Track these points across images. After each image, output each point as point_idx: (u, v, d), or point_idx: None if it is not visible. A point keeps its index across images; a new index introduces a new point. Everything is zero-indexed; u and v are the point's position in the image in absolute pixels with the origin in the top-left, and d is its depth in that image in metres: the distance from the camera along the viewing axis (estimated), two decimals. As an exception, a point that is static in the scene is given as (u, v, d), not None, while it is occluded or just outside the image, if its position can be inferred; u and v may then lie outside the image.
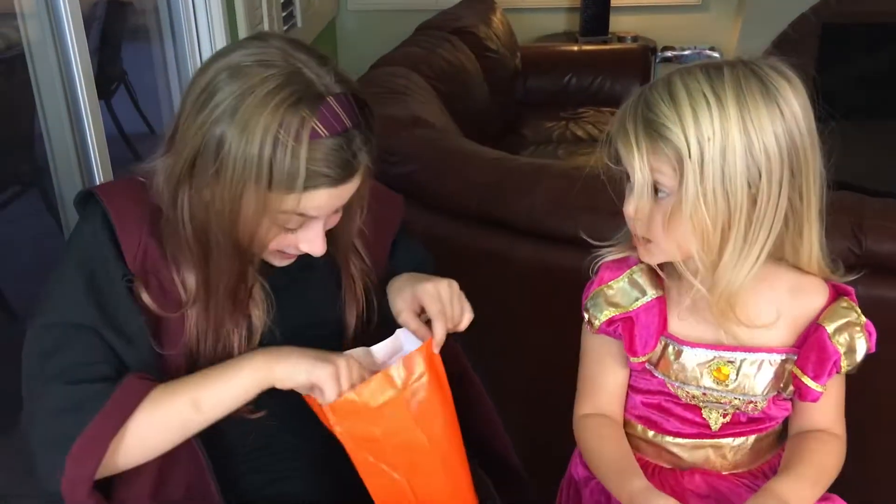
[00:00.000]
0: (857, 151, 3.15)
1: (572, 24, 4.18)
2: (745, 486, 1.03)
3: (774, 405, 1.02)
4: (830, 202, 1.65)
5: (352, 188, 0.99)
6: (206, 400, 0.95)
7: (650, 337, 0.99)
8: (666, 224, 0.90)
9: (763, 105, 0.88)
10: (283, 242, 1.01)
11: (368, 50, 2.96)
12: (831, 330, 0.96)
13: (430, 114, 2.28)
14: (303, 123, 0.91)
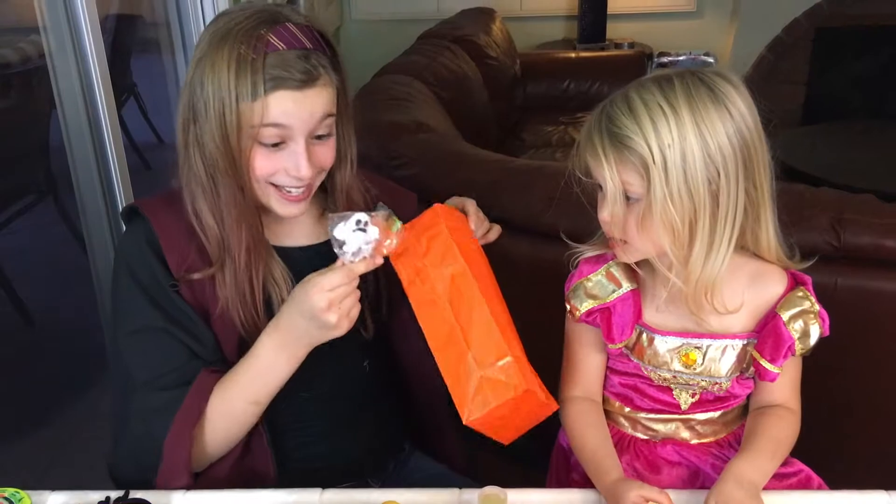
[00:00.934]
0: (848, 151, 3.27)
1: (570, 31, 4.28)
2: (712, 454, 1.12)
3: (738, 384, 1.11)
4: (812, 199, 1.76)
5: (318, 100, 1.06)
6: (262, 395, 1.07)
7: (626, 326, 1.08)
8: (639, 225, 0.98)
9: (713, 109, 0.95)
10: (265, 167, 1.08)
11: (372, 58, 3.05)
12: (786, 318, 1.04)
13: (432, 119, 2.38)
14: (261, 38, 1.03)
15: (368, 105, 2.43)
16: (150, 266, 1.10)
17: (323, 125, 1.09)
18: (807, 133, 3.75)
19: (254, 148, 1.07)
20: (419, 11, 4.11)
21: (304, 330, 1.03)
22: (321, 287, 0.99)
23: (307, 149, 1.08)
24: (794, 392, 1.11)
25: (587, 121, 1.02)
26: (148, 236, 1.11)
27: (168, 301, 1.09)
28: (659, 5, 4.28)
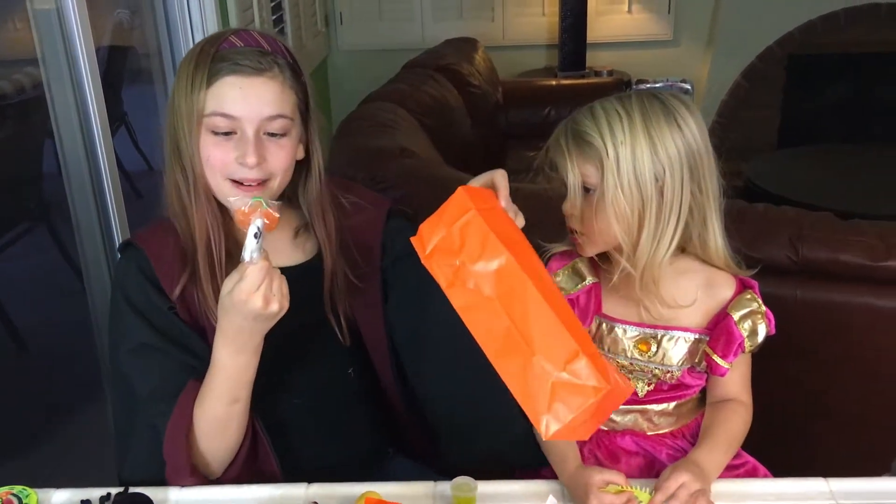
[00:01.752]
0: (814, 173, 3.39)
1: (551, 59, 4.40)
2: (667, 445, 1.22)
3: (689, 376, 1.21)
4: (773, 216, 1.86)
5: (265, 91, 1.12)
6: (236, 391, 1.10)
7: (587, 316, 1.19)
8: (594, 215, 1.11)
9: (664, 119, 1.10)
10: (216, 157, 1.13)
11: (359, 87, 3.14)
12: (737, 318, 1.16)
13: (416, 145, 2.47)
14: (222, 36, 1.14)
15: (354, 131, 2.53)
16: (144, 290, 1.17)
17: (275, 124, 1.14)
18: (777, 157, 3.89)
19: (207, 137, 1.13)
20: (404, 42, 4.22)
21: (252, 328, 1.06)
22: (250, 291, 1.01)
23: (256, 140, 1.13)
24: (745, 387, 1.21)
25: (555, 131, 1.17)
26: (140, 263, 1.18)
27: (163, 322, 1.16)
28: (637, 34, 4.41)
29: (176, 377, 1.14)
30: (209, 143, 1.14)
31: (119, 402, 1.22)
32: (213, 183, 1.16)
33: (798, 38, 4.27)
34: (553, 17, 4.30)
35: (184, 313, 1.17)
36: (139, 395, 1.15)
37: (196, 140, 1.14)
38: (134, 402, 1.16)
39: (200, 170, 1.15)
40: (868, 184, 3.21)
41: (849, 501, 1.04)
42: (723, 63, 4.35)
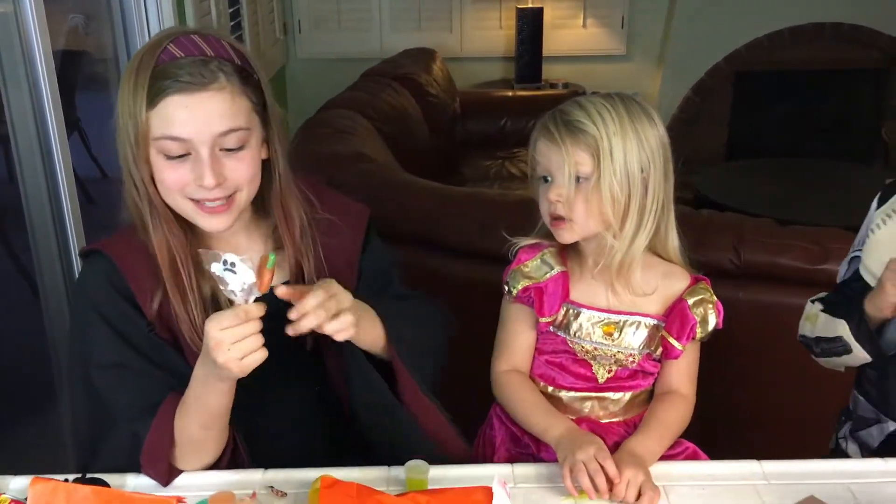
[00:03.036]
0: (758, 184, 3.52)
1: (508, 71, 4.48)
2: (616, 433, 1.27)
3: (647, 362, 1.27)
4: (717, 222, 1.94)
5: (212, 106, 1.04)
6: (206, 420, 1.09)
7: (555, 302, 1.25)
8: (587, 202, 1.17)
9: (644, 117, 1.19)
10: (172, 180, 1.06)
11: (317, 96, 3.16)
12: (691, 302, 1.24)
13: (373, 151, 2.51)
14: (160, 45, 1.05)
15: (312, 137, 2.56)
16: (119, 307, 1.12)
17: (230, 138, 1.06)
18: (724, 169, 4.02)
19: (159, 160, 1.06)
20: (363, 51, 4.26)
21: (208, 365, 1.02)
22: (213, 325, 0.98)
23: (212, 159, 1.05)
24: (690, 378, 1.28)
25: (538, 124, 1.22)
26: (112, 277, 1.12)
27: (141, 341, 1.12)
28: (591, 48, 4.51)
29: (158, 393, 1.11)
30: (162, 166, 1.06)
31: (85, 413, 1.18)
32: (174, 204, 1.10)
33: (745, 56, 4.41)
34: (510, 30, 4.38)
35: (163, 330, 1.14)
36: (117, 406, 1.12)
37: (145, 163, 1.07)
38: (105, 413, 1.14)
39: (154, 191, 1.09)
40: (808, 194, 3.35)
41: (779, 481, 1.11)
42: (673, 78, 4.48)
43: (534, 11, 4.25)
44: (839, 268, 1.35)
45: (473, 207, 2.04)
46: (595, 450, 1.09)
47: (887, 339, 1.20)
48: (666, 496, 1.09)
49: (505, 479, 0.97)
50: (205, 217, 1.10)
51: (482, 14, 4.42)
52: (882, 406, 1.23)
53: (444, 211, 2.06)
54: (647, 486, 1.07)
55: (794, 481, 1.10)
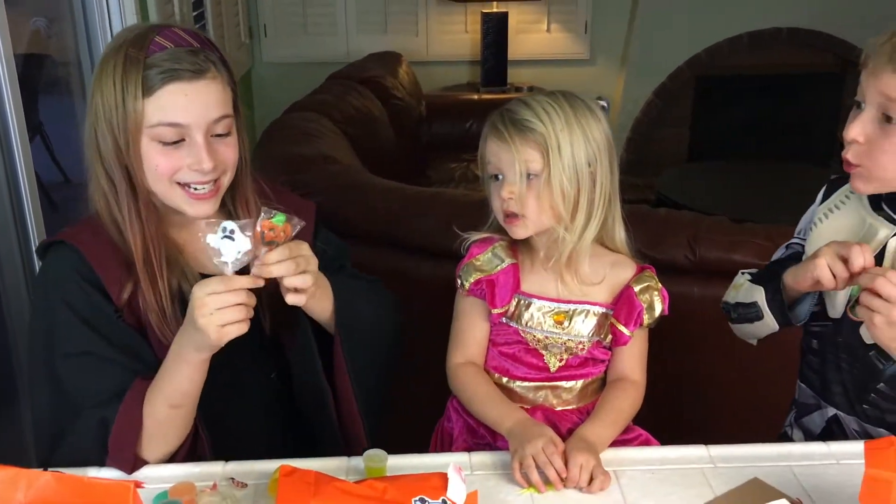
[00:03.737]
0: (715, 184, 3.59)
1: (474, 75, 4.52)
2: (572, 421, 1.30)
3: (597, 349, 1.31)
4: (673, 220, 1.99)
5: (210, 93, 1.11)
6: (176, 398, 1.10)
7: (507, 294, 1.28)
8: (538, 198, 1.21)
9: (588, 113, 1.23)
10: (165, 165, 1.11)
11: (283, 99, 3.16)
12: (637, 289, 1.28)
13: (339, 153, 2.53)
14: (148, 39, 1.09)
15: (277, 139, 2.57)
16: (87, 294, 1.14)
17: (221, 124, 1.14)
18: (684, 170, 4.10)
19: (153, 147, 1.11)
20: (328, 55, 4.27)
21: (189, 331, 1.05)
22: (201, 287, 1.01)
23: (207, 145, 1.12)
24: (640, 365, 1.32)
25: (486, 125, 1.26)
26: (78, 266, 1.14)
27: (110, 328, 1.13)
28: (555, 53, 4.57)
29: (125, 380, 1.12)
30: (155, 152, 1.11)
31: (48, 407, 1.17)
32: (161, 190, 1.14)
33: (705, 60, 4.50)
34: (475, 34, 4.43)
35: (130, 317, 1.16)
36: (83, 394, 1.13)
37: (136, 151, 1.11)
38: (69, 406, 1.14)
39: (140, 180, 1.13)
40: (765, 194, 3.44)
41: (726, 465, 1.15)
42: (636, 82, 4.55)
43: (499, 16, 4.30)
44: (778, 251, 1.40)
45: (437, 207, 2.07)
46: (543, 443, 1.12)
47: (798, 311, 1.26)
48: (617, 480, 1.12)
49: (461, 466, 0.99)
50: (193, 203, 1.15)
51: (448, 18, 4.46)
52: (821, 392, 1.28)
53: (407, 211, 2.09)
54: (598, 470, 1.10)
55: (740, 464, 1.15)
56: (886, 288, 1.05)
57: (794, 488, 1.10)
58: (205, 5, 3.42)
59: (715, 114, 4.65)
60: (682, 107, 4.64)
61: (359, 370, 1.25)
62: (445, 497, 0.96)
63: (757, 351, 1.64)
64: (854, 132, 1.12)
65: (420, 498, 0.95)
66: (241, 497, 1.07)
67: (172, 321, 1.16)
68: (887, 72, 1.07)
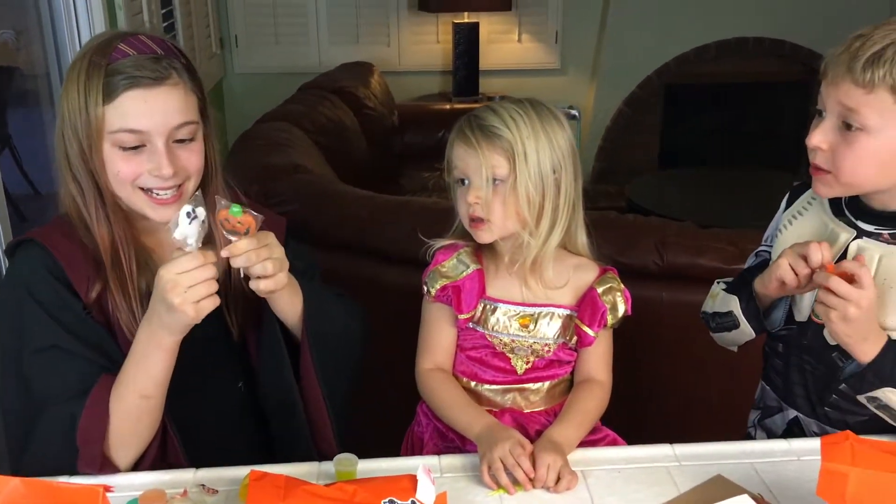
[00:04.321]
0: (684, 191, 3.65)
1: (446, 85, 4.55)
2: (540, 422, 1.32)
3: (562, 351, 1.33)
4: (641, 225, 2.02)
5: (170, 99, 1.12)
6: (147, 387, 1.10)
7: (472, 299, 1.30)
8: (503, 205, 1.23)
9: (553, 121, 1.26)
10: (126, 171, 1.13)
11: (255, 110, 3.15)
12: (600, 291, 1.30)
13: (310, 162, 2.54)
14: (111, 46, 1.12)
15: (248, 149, 2.58)
16: (55, 291, 1.14)
17: (183, 130, 1.15)
18: (655, 178, 4.16)
19: (114, 153, 1.13)
20: (301, 65, 4.28)
21: (159, 314, 1.06)
22: (168, 269, 1.02)
23: (167, 150, 1.13)
24: (606, 365, 1.35)
25: (454, 130, 1.27)
26: (47, 263, 1.15)
27: (77, 325, 1.14)
28: (526, 62, 4.61)
29: (91, 377, 1.13)
30: (116, 158, 1.13)
31: (17, 404, 1.17)
32: (124, 195, 1.16)
33: (674, 69, 4.57)
34: (447, 44, 4.46)
35: (99, 316, 1.16)
36: (50, 390, 1.13)
37: (99, 156, 1.12)
38: (35, 402, 1.14)
39: (105, 184, 1.14)
40: (732, 200, 3.51)
41: (690, 463, 1.17)
42: (606, 91, 4.60)
43: (470, 26, 4.34)
44: (748, 260, 1.44)
45: (407, 215, 2.09)
46: (511, 445, 1.14)
47: (772, 318, 1.29)
48: (584, 479, 1.14)
49: (430, 468, 1.01)
50: (156, 208, 1.17)
51: (419, 28, 4.49)
52: (784, 395, 1.31)
53: (378, 219, 2.10)
54: (566, 470, 1.12)
55: (704, 462, 1.17)
56: (842, 286, 1.09)
57: (755, 484, 1.12)
58: (175, 16, 3.41)
59: (684, 122, 4.72)
60: (651, 115, 4.70)
61: (327, 375, 1.26)
62: (415, 498, 0.98)
63: (722, 354, 1.67)
64: (816, 140, 1.15)
65: (390, 500, 0.96)
66: (212, 503, 1.07)
67: None
68: (846, 82, 1.10)
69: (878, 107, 1.09)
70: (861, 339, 1.12)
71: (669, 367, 1.98)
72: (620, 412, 1.39)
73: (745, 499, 1.06)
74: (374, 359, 1.40)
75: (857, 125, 1.11)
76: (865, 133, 1.10)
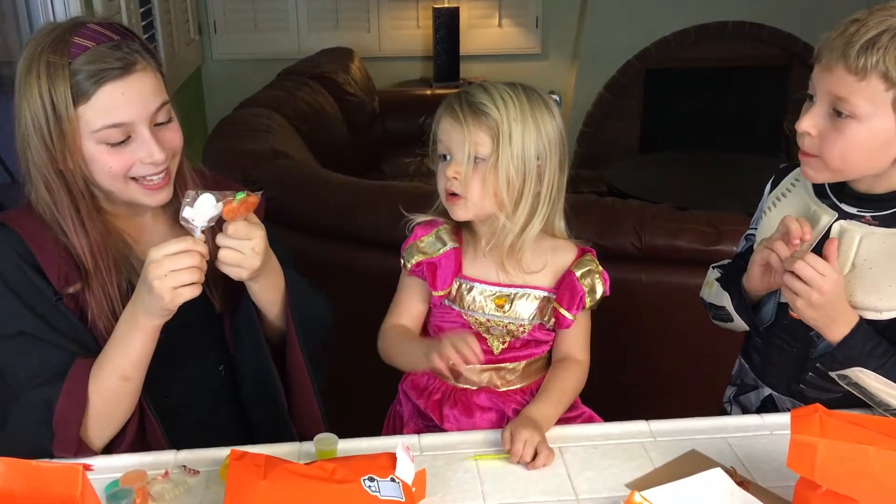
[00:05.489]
0: (663, 175, 3.68)
1: (427, 71, 4.54)
2: (516, 401, 1.34)
3: (539, 332, 1.34)
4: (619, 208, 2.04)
5: (144, 84, 1.11)
6: (127, 369, 1.11)
7: (448, 276, 1.31)
8: (481, 184, 1.22)
9: (544, 108, 1.25)
10: (118, 164, 1.11)
11: (234, 96, 3.13)
12: (579, 274, 1.31)
13: (290, 148, 2.53)
14: (66, 42, 1.07)
15: (228, 135, 2.57)
16: (27, 276, 1.13)
17: (162, 113, 1.15)
18: (635, 162, 4.19)
19: (101, 150, 1.11)
20: (280, 51, 4.25)
21: (141, 295, 1.07)
22: (158, 249, 1.03)
23: (153, 135, 1.13)
24: (583, 345, 1.36)
25: (443, 104, 1.27)
26: (19, 249, 1.14)
27: (49, 310, 1.13)
28: (507, 47, 4.61)
29: (64, 362, 1.12)
30: (104, 154, 1.11)
31: None
32: (117, 188, 1.15)
33: (654, 54, 4.59)
34: (427, 29, 4.45)
35: (71, 304, 1.16)
36: (20, 377, 1.13)
37: (78, 157, 1.10)
38: (7, 388, 1.14)
39: (82, 186, 1.13)
40: (711, 183, 3.54)
41: (665, 438, 1.19)
42: (587, 76, 4.61)
43: (450, 11, 4.33)
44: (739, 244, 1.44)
45: (388, 200, 2.09)
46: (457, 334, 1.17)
47: (762, 313, 1.30)
48: (561, 455, 1.16)
49: (409, 447, 1.02)
50: (150, 194, 1.17)
51: (399, 14, 4.48)
52: (760, 373, 1.33)
53: (358, 204, 2.11)
54: (543, 446, 1.14)
55: (679, 437, 1.19)
56: (805, 270, 1.10)
57: (729, 458, 1.14)
58: (152, 2, 3.39)
59: (665, 106, 4.74)
60: (632, 100, 4.72)
61: (312, 356, 1.27)
62: (394, 475, 0.99)
63: (701, 334, 1.70)
64: (805, 125, 1.14)
65: (369, 477, 0.98)
66: (193, 484, 1.08)
67: None
68: (839, 68, 1.09)
69: (870, 94, 1.08)
70: (829, 321, 1.14)
71: (649, 347, 2.01)
72: (601, 392, 1.40)
73: (719, 472, 1.08)
74: (356, 341, 1.41)
75: (847, 113, 1.10)
76: (856, 121, 1.10)
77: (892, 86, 1.08)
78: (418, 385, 1.38)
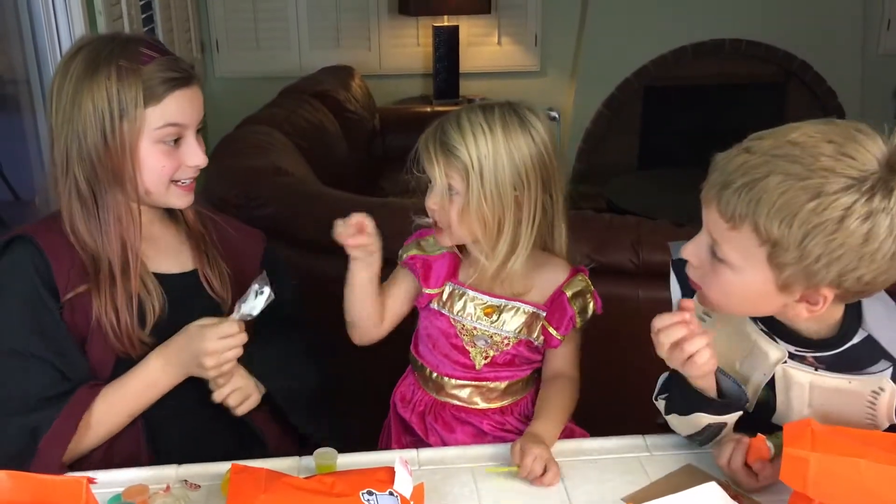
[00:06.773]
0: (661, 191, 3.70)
1: (427, 88, 4.58)
2: (492, 419, 1.36)
3: (526, 349, 1.35)
4: (617, 224, 2.05)
5: (197, 95, 1.24)
6: (137, 410, 1.22)
7: (441, 277, 1.33)
8: (458, 216, 1.24)
9: (521, 133, 1.23)
10: (170, 165, 1.22)
11: (236, 114, 3.15)
12: (570, 294, 1.32)
13: (291, 165, 2.55)
14: (136, 50, 1.19)
15: (229, 152, 2.59)
16: (34, 285, 1.18)
17: (200, 122, 1.26)
18: (633, 178, 4.21)
19: (157, 149, 1.21)
20: (282, 69, 4.29)
21: (186, 361, 1.19)
22: (216, 333, 1.16)
23: (198, 142, 1.26)
24: (574, 362, 1.37)
25: (420, 139, 1.29)
26: (35, 259, 1.19)
27: (47, 321, 1.17)
28: (507, 65, 4.65)
29: (53, 384, 1.16)
30: (160, 153, 1.21)
31: None
32: (160, 190, 1.24)
33: (652, 71, 4.62)
34: (427, 47, 4.49)
35: (68, 317, 1.19)
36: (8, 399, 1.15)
37: (134, 155, 1.19)
38: None
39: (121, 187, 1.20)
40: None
41: (661, 453, 1.21)
42: (586, 93, 4.65)
43: (450, 29, 4.37)
44: None
45: (387, 216, 2.10)
46: None
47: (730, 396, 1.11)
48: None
49: (407, 461, 1.03)
50: (183, 196, 1.28)
51: (400, 32, 4.52)
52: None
53: (359, 220, 2.12)
54: (551, 462, 1.16)
55: (674, 452, 1.21)
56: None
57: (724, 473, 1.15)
58: (155, 21, 3.42)
59: (663, 123, 4.77)
60: (630, 116, 4.75)
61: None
62: (392, 489, 1.00)
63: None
64: (688, 252, 1.04)
65: (368, 490, 0.99)
66: (195, 498, 1.09)
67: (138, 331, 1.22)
68: (711, 207, 0.98)
69: (742, 245, 0.96)
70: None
71: (646, 364, 2.01)
72: (598, 408, 1.41)
73: (714, 486, 1.10)
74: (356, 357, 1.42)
75: (720, 257, 0.99)
76: (729, 269, 0.99)
77: (764, 242, 0.94)
78: (405, 397, 1.42)
